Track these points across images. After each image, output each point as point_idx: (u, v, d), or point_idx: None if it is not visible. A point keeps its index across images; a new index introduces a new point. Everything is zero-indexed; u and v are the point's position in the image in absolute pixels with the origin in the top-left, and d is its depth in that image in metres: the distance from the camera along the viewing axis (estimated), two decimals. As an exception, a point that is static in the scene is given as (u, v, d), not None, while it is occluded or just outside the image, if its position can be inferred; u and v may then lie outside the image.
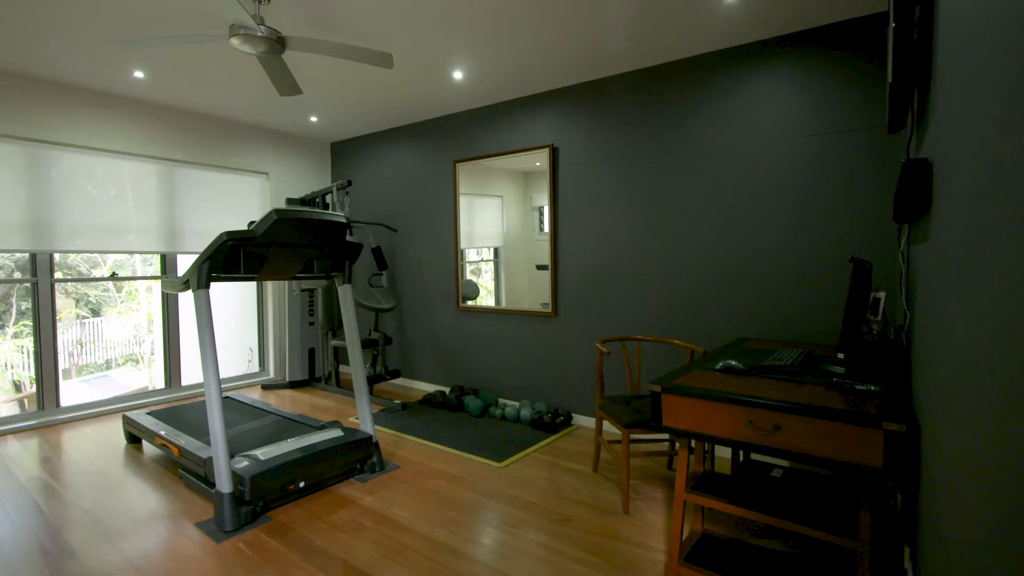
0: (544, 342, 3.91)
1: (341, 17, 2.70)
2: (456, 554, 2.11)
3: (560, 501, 2.56)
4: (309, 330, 4.94)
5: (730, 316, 3.09)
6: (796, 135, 2.85)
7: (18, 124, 3.54)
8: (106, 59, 3.26)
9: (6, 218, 3.54)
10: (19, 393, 5.27)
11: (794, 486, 1.88)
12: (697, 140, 3.17)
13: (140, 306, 6.18)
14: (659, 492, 2.66)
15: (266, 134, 4.99)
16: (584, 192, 3.65)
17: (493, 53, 3.15)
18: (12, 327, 5.41)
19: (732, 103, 3.03)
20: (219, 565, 2.04)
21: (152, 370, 5.98)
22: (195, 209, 4.54)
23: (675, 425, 1.79)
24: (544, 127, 3.83)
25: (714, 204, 3.12)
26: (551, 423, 3.55)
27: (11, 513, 2.46)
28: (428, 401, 4.21)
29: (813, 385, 1.74)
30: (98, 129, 3.91)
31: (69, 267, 5.34)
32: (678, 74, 3.22)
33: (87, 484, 2.78)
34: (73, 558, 2.10)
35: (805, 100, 2.82)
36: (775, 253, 2.94)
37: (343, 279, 3.00)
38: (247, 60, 3.27)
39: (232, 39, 2.40)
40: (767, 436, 1.61)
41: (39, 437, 3.53)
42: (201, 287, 2.42)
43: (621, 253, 3.50)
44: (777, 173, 2.92)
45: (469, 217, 4.35)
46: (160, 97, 4.03)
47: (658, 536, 2.24)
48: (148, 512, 2.47)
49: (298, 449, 2.61)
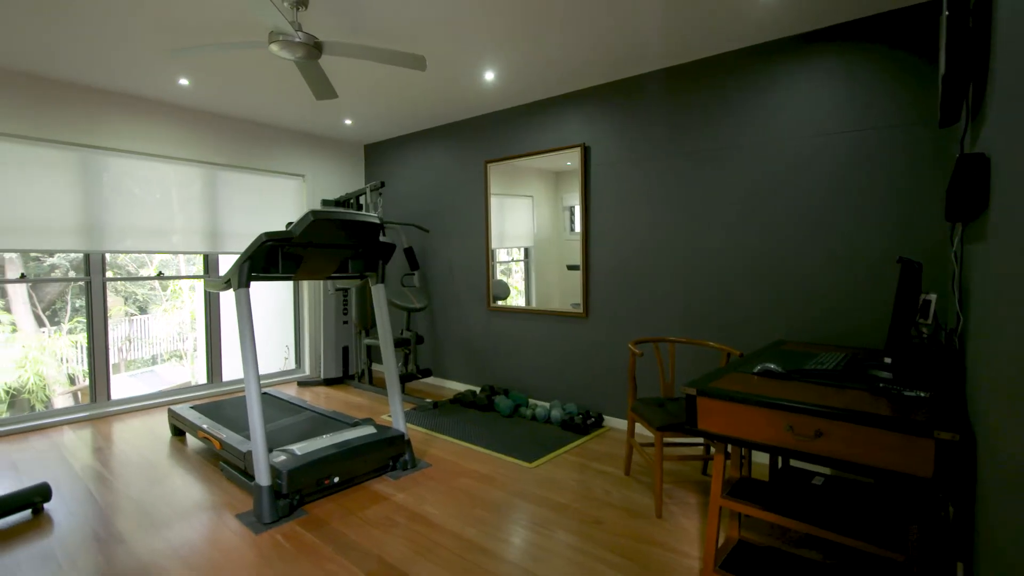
0: (575, 343, 3.88)
1: (375, 21, 2.74)
2: (487, 553, 2.12)
3: (591, 503, 2.54)
4: (343, 329, 5.04)
5: (767, 318, 3.01)
6: (837, 131, 2.75)
7: (75, 131, 3.74)
8: (154, 68, 3.40)
9: (63, 220, 3.74)
10: (73, 386, 5.56)
11: (836, 495, 1.81)
12: (732, 137, 3.09)
13: (184, 304, 6.43)
14: (693, 497, 2.60)
15: (302, 137, 5.13)
16: (616, 191, 3.61)
17: (524, 53, 3.14)
18: (67, 323, 5.71)
19: (767, 99, 2.95)
20: (258, 556, 2.10)
21: (194, 366, 6.22)
22: (235, 211, 4.69)
23: (711, 429, 1.75)
24: (576, 126, 3.81)
25: (751, 203, 3.04)
26: (582, 424, 3.53)
27: (67, 500, 2.60)
28: (459, 400, 4.24)
29: (857, 390, 1.68)
30: (146, 135, 4.09)
31: (119, 267, 5.61)
32: (711, 71, 3.15)
33: (135, 474, 2.91)
34: (123, 544, 2.20)
35: (844, 95, 2.71)
36: (815, 253, 2.84)
37: (376, 279, 3.05)
38: (285, 66, 3.36)
39: (271, 45, 2.47)
40: (808, 442, 1.56)
41: (92, 428, 3.72)
42: (242, 286, 2.49)
43: (654, 253, 3.44)
44: (817, 171, 2.82)
45: (500, 217, 4.36)
46: (203, 103, 4.18)
47: (692, 542, 2.19)
48: (191, 502, 2.57)
49: (333, 445, 2.66)
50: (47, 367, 5.42)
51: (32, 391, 5.24)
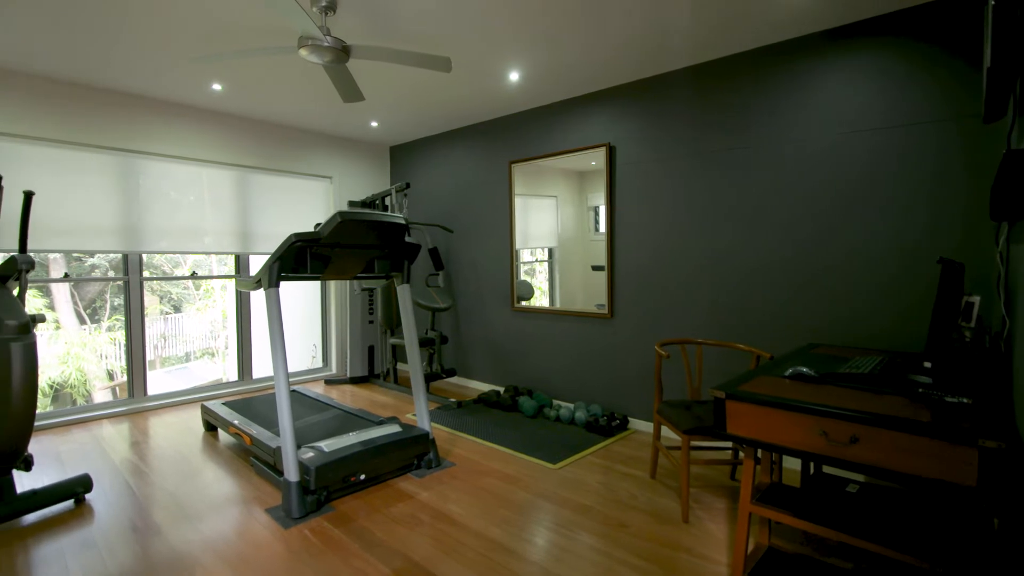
0: (599, 344, 3.85)
1: (401, 24, 2.77)
2: (511, 553, 2.12)
3: (616, 506, 2.52)
4: (369, 328, 5.11)
5: (797, 320, 2.93)
6: (870, 128, 2.66)
7: (115, 136, 3.88)
8: (188, 74, 3.51)
9: (103, 222, 3.88)
10: (112, 381, 5.78)
11: (872, 503, 1.76)
12: (762, 136, 3.02)
13: (216, 303, 6.61)
14: (721, 502, 2.56)
15: (330, 140, 5.22)
16: (642, 191, 3.57)
17: (550, 52, 3.13)
18: (107, 321, 5.93)
19: (799, 96, 2.88)
20: (287, 550, 2.14)
21: (226, 363, 6.39)
22: (265, 212, 4.80)
23: (740, 433, 1.71)
24: (601, 126, 3.78)
25: (781, 202, 2.97)
26: (606, 426, 3.50)
27: (107, 491, 2.70)
28: (483, 400, 4.25)
29: (895, 396, 1.62)
30: (180, 138, 4.22)
31: (154, 267, 5.80)
32: (741, 67, 3.08)
33: (170, 467, 3.00)
34: (159, 535, 2.27)
35: (875, 91, 2.63)
36: (848, 254, 2.76)
37: (402, 279, 3.08)
38: (314, 70, 3.42)
39: (301, 50, 2.52)
40: (842, 448, 1.51)
41: (129, 422, 3.85)
42: (272, 286, 2.55)
43: (680, 253, 3.39)
44: (851, 168, 2.74)
45: (524, 217, 4.36)
46: (235, 108, 4.29)
47: (720, 548, 2.15)
48: (223, 496, 2.64)
49: (359, 443, 2.70)
50: (88, 363, 5.64)
51: (74, 386, 5.47)
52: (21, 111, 3.50)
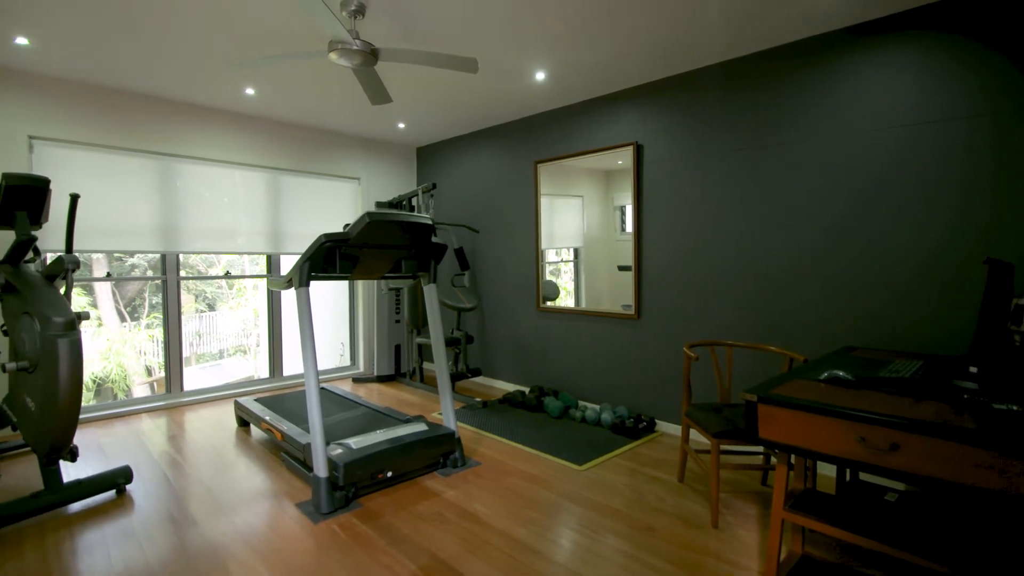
0: (626, 345, 3.81)
1: (428, 26, 2.79)
2: (537, 554, 2.11)
3: (643, 509, 2.49)
4: (395, 328, 5.17)
5: (832, 322, 2.84)
6: (916, 122, 2.56)
7: (154, 140, 4.02)
8: (224, 80, 3.61)
9: (143, 223, 4.03)
10: (150, 377, 5.99)
11: (912, 512, 1.69)
12: (795, 133, 2.94)
13: (248, 302, 6.79)
14: (752, 508, 2.50)
15: (358, 142, 5.30)
16: (670, 190, 3.52)
17: (576, 51, 3.12)
18: (145, 319, 6.15)
19: (833, 92, 2.79)
20: (316, 545, 2.18)
21: (257, 360, 6.55)
22: (295, 213, 4.91)
23: (773, 438, 1.67)
24: (628, 124, 3.74)
25: (815, 200, 2.89)
26: (633, 428, 3.46)
27: (147, 483, 2.79)
28: (508, 400, 4.25)
29: (938, 402, 1.56)
30: (215, 142, 4.34)
31: (190, 266, 5.99)
32: (776, 62, 3.01)
33: (205, 461, 3.10)
34: (195, 526, 2.34)
35: (917, 86, 2.52)
36: (888, 253, 2.66)
37: (428, 279, 3.11)
38: (343, 73, 3.48)
39: (331, 54, 2.56)
40: (881, 456, 1.46)
41: (167, 416, 3.99)
42: (303, 285, 2.60)
43: (709, 253, 3.33)
44: (891, 165, 2.64)
45: (549, 217, 4.34)
46: (267, 111, 4.40)
47: (751, 555, 2.10)
48: (255, 490, 2.70)
49: (387, 440, 2.73)
50: (128, 359, 5.86)
51: (115, 381, 5.69)
52: (69, 117, 3.66)
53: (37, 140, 3.58)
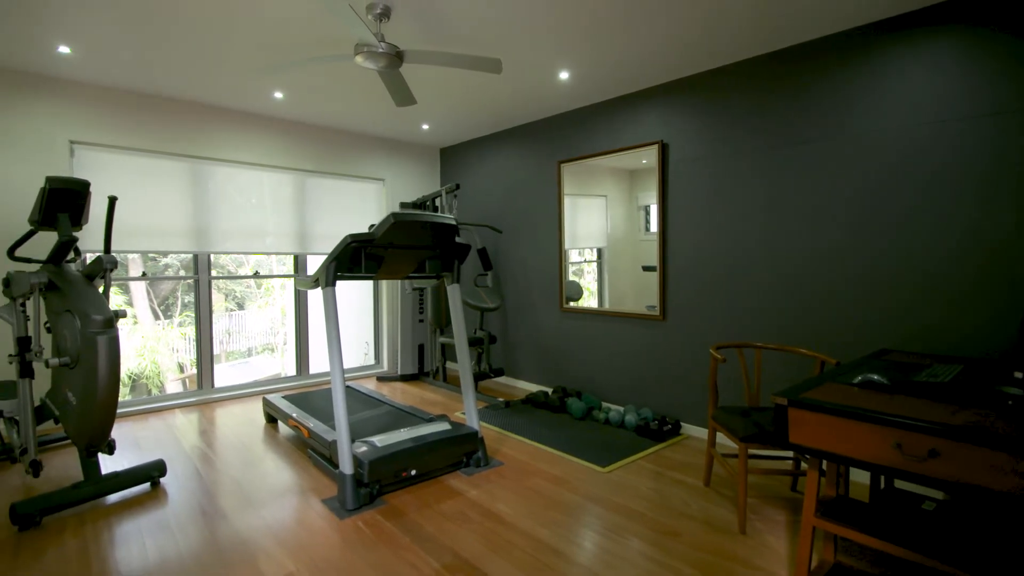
0: (651, 346, 3.77)
1: (452, 28, 2.81)
2: (559, 555, 2.10)
3: (668, 513, 2.45)
4: (419, 327, 5.21)
5: (865, 325, 2.76)
6: (956, 117, 2.47)
7: (187, 144, 4.14)
8: (254, 84, 3.69)
9: (177, 224, 4.15)
10: (182, 373, 6.17)
11: (952, 522, 1.63)
12: (828, 129, 2.87)
13: (275, 301, 6.93)
14: (780, 514, 2.44)
15: (382, 143, 5.36)
16: (696, 189, 3.46)
17: (601, 49, 3.09)
18: (178, 317, 6.34)
19: (869, 86, 2.71)
20: (342, 540, 2.21)
21: (284, 358, 6.69)
22: (321, 214, 4.99)
23: (804, 443, 1.63)
24: (653, 123, 3.70)
25: (846, 199, 2.81)
26: (658, 430, 3.42)
27: (179, 476, 2.88)
28: (531, 400, 4.25)
29: (981, 408, 1.49)
30: (244, 145, 4.45)
31: (220, 266, 6.14)
32: (806, 57, 2.94)
33: (235, 456, 3.17)
34: (225, 519, 2.40)
35: (962, 79, 2.43)
36: (923, 253, 2.57)
37: (452, 279, 3.12)
38: (368, 76, 3.53)
39: (357, 57, 2.60)
40: (919, 463, 1.41)
41: (198, 412, 4.10)
42: (329, 285, 2.64)
43: (737, 253, 3.27)
44: (927, 162, 2.55)
45: (572, 217, 4.32)
46: (294, 114, 4.48)
47: (779, 562, 2.05)
48: (283, 485, 2.76)
49: (410, 439, 2.76)
50: (161, 356, 6.05)
51: (149, 377, 5.87)
52: (108, 122, 3.79)
53: (78, 144, 3.72)
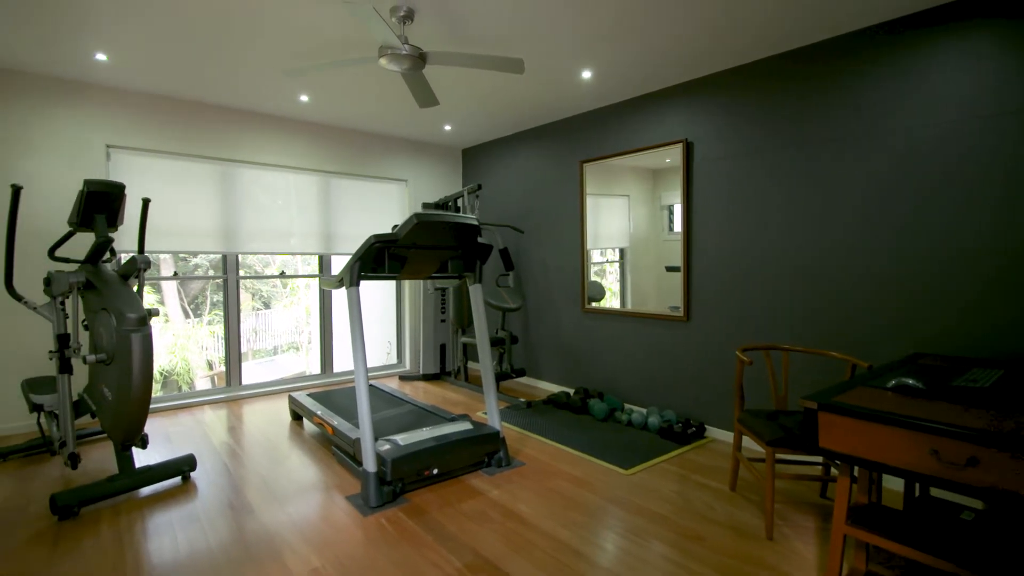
0: (674, 347, 3.72)
1: (475, 29, 2.82)
2: (581, 557, 2.09)
3: (692, 517, 2.42)
4: (441, 327, 5.25)
5: (899, 327, 2.67)
6: (996, 112, 2.37)
7: (216, 147, 4.24)
8: (280, 88, 3.76)
9: (206, 225, 4.26)
10: (211, 371, 6.33)
11: (991, 532, 1.57)
12: (858, 127, 2.79)
13: (300, 300, 7.05)
14: (809, 520, 2.38)
15: (405, 144, 5.41)
16: (721, 188, 3.40)
17: (624, 48, 3.07)
18: (207, 315, 6.50)
19: (904, 81, 2.62)
20: (365, 537, 2.24)
21: (309, 357, 6.80)
22: (346, 214, 5.06)
23: (834, 448, 1.59)
24: (677, 121, 3.65)
25: (879, 197, 2.72)
26: (682, 433, 3.37)
27: (209, 471, 2.95)
28: (552, 401, 4.23)
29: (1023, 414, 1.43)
30: (271, 147, 4.54)
31: (247, 266, 6.28)
32: (833, 53, 2.86)
33: (261, 452, 3.24)
34: (252, 514, 2.45)
35: (1002, 71, 2.33)
36: (961, 254, 2.48)
37: (474, 279, 3.13)
38: (391, 78, 3.56)
39: (381, 59, 2.63)
40: (957, 471, 1.36)
41: (227, 409, 4.19)
42: (353, 285, 2.68)
43: (763, 253, 3.20)
44: (962, 158, 2.46)
45: (594, 217, 4.30)
46: (319, 117, 4.56)
47: (809, 569, 2.00)
48: (308, 482, 2.80)
49: (433, 438, 2.77)
50: (191, 353, 6.21)
51: (179, 374, 6.04)
52: (142, 126, 3.91)
53: (113, 148, 3.85)
